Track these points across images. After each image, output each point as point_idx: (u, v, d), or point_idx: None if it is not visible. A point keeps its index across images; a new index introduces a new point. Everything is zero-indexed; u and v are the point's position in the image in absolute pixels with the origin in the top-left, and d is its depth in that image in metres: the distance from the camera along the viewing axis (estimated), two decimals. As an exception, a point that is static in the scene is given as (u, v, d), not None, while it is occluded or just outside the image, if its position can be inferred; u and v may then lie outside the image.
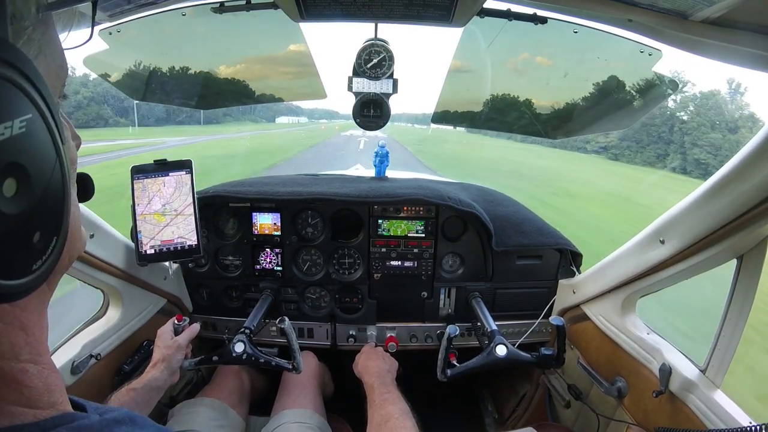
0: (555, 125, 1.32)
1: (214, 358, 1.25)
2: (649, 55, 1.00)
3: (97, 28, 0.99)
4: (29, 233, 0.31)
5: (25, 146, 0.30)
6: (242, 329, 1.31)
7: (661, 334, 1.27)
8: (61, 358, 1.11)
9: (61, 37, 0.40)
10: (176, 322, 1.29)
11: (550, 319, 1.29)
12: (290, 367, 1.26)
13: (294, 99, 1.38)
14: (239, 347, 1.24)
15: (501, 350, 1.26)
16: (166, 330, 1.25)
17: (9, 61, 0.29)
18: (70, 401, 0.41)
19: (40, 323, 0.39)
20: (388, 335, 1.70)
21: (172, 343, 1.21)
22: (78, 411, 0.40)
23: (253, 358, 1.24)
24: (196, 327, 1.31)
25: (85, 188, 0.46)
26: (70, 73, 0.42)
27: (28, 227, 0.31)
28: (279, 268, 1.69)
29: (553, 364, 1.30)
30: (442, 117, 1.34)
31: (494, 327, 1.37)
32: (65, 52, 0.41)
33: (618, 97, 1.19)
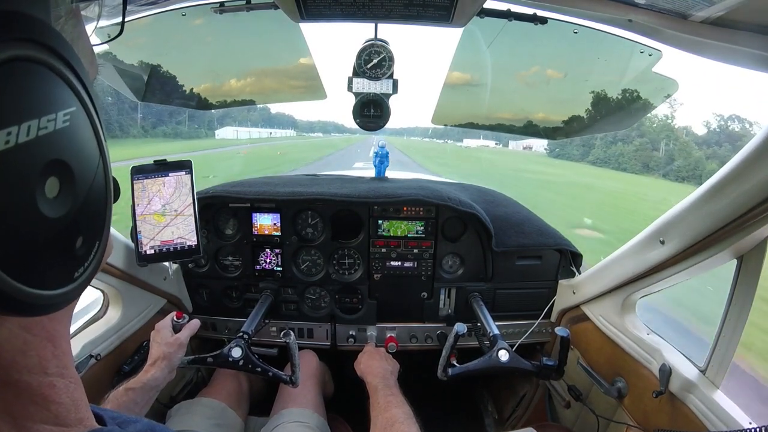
0: (555, 127, 1.32)
1: (209, 359, 1.23)
2: (649, 55, 1.01)
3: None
4: (72, 238, 0.29)
5: (68, 142, 0.27)
6: (240, 334, 1.29)
7: (661, 335, 1.27)
8: None
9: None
10: (175, 319, 1.25)
11: (556, 330, 1.27)
12: (287, 380, 1.23)
13: (293, 100, 1.38)
14: (237, 352, 1.22)
15: (503, 356, 1.26)
16: (164, 326, 1.21)
17: (52, 47, 0.26)
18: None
19: (65, 334, 0.36)
20: (388, 335, 1.70)
21: (173, 341, 1.17)
22: (98, 423, 0.39)
23: (249, 366, 1.22)
24: (196, 323, 1.27)
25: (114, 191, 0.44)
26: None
27: (71, 232, 0.29)
28: (279, 269, 1.69)
29: (553, 375, 1.29)
30: (442, 117, 1.34)
31: (496, 331, 1.36)
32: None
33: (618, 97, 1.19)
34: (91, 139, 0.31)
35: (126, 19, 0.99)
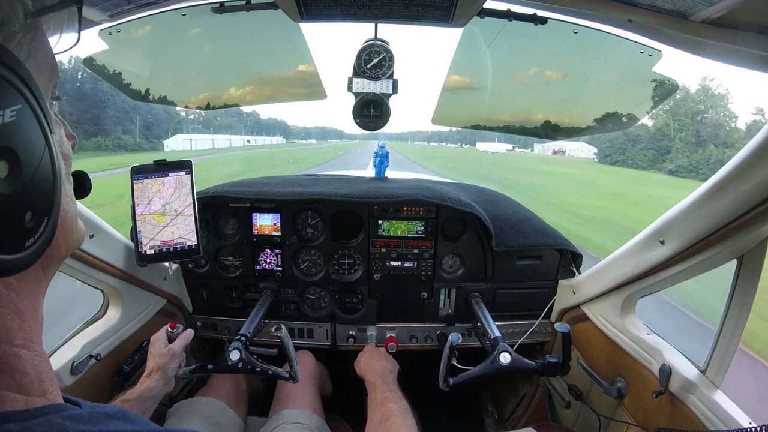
0: (555, 127, 1.32)
1: (209, 366, 1.23)
2: (649, 55, 1.00)
3: (97, 29, 0.99)
4: (21, 212, 0.34)
5: (15, 133, 0.33)
6: (238, 336, 1.29)
7: (661, 335, 1.27)
8: (61, 358, 1.11)
9: (53, 39, 0.42)
10: (170, 329, 1.25)
11: (555, 326, 1.27)
12: (287, 376, 1.23)
13: (292, 99, 1.38)
14: (235, 355, 1.22)
15: (505, 358, 1.25)
16: (159, 338, 1.22)
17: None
18: (65, 400, 0.42)
19: (34, 310, 0.40)
20: (388, 335, 1.70)
21: (166, 351, 1.18)
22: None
23: (249, 367, 1.22)
24: (189, 333, 1.28)
25: (82, 185, 0.48)
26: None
27: (20, 206, 0.34)
28: (279, 269, 1.69)
29: (558, 372, 1.28)
30: (442, 118, 1.34)
31: (497, 333, 1.36)
32: (56, 55, 0.43)
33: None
34: (37, 131, 0.36)
35: (126, 19, 1.00)
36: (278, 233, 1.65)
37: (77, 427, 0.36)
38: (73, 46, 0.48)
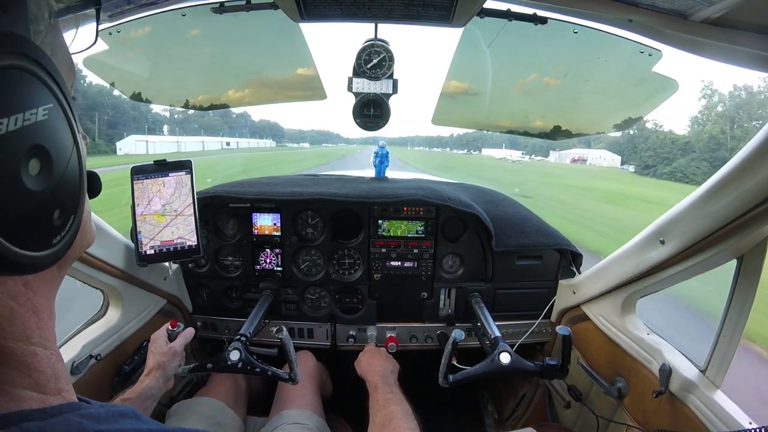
0: (559, 130, 1.32)
1: (209, 365, 1.23)
2: (649, 55, 1.01)
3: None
4: (50, 210, 0.35)
5: (47, 131, 0.34)
6: (238, 336, 1.29)
7: (661, 335, 1.28)
8: None
9: (67, 39, 0.42)
10: (170, 328, 1.25)
11: (557, 329, 1.27)
12: (287, 377, 1.23)
13: (292, 101, 1.38)
14: (235, 355, 1.22)
15: (505, 358, 1.25)
16: (159, 336, 1.22)
17: (32, 56, 0.32)
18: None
19: (49, 309, 0.41)
20: (388, 335, 1.70)
21: (167, 350, 1.17)
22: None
23: (248, 367, 1.22)
24: (190, 332, 1.28)
25: (93, 185, 0.48)
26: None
27: (49, 204, 0.34)
28: (279, 269, 1.69)
29: (557, 375, 1.28)
30: (442, 118, 1.34)
31: (497, 333, 1.36)
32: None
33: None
34: (66, 130, 0.36)
35: (126, 19, 1.00)
36: (278, 233, 1.65)
37: (95, 426, 0.37)
38: (89, 47, 0.49)
